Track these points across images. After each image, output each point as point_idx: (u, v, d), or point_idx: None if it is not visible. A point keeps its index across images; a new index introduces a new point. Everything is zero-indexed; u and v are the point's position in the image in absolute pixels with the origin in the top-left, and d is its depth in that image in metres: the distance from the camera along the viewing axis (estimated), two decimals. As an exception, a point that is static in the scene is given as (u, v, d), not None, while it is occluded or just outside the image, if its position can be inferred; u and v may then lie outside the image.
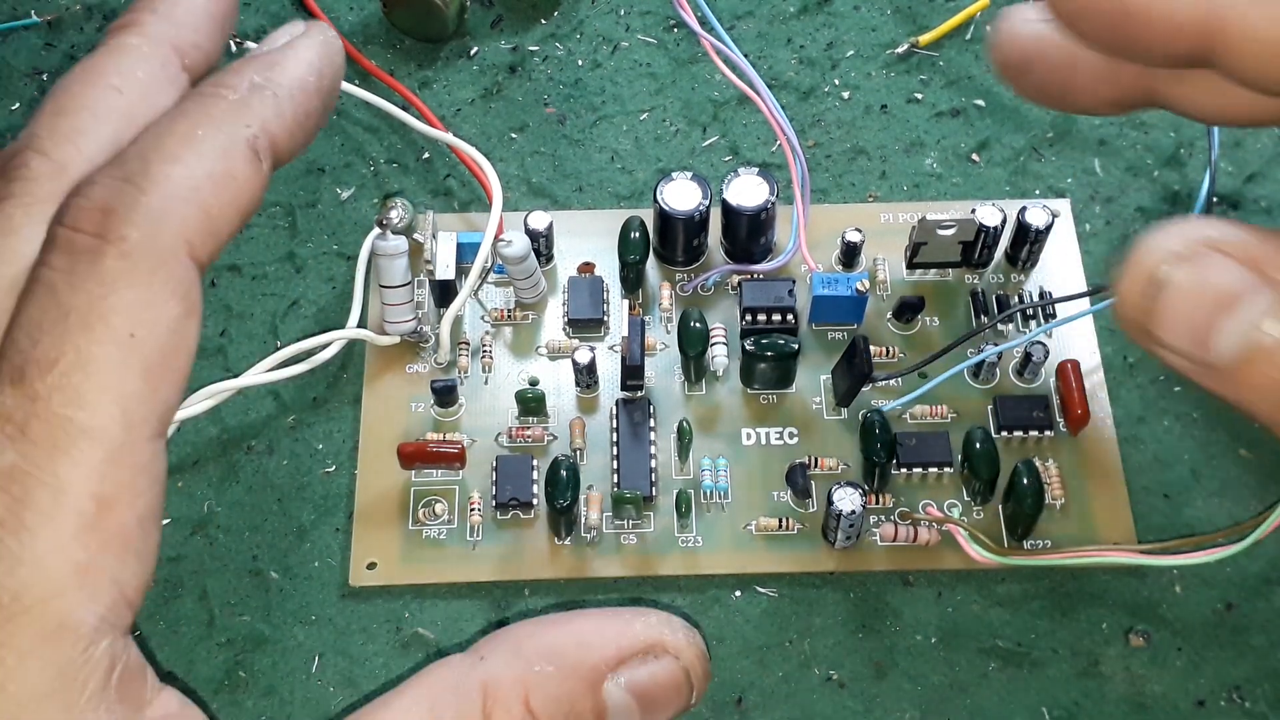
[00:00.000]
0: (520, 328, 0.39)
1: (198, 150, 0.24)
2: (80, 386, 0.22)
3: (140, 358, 0.22)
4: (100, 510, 0.22)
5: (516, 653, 0.25)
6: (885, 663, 0.34)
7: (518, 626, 0.26)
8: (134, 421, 0.22)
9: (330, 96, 0.27)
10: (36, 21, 0.45)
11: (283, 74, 0.26)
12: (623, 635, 0.26)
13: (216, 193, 0.24)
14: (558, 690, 0.25)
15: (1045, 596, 0.35)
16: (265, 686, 0.34)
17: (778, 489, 0.36)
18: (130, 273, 0.22)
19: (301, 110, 0.26)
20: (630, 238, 0.38)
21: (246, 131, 0.24)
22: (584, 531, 0.35)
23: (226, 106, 0.25)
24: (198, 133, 0.24)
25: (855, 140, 0.42)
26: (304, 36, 0.27)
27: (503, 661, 0.25)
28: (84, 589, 0.22)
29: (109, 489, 0.22)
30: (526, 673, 0.25)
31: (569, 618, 0.26)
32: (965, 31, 0.44)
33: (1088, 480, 0.36)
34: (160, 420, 0.23)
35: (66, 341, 0.22)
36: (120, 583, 0.22)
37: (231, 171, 0.24)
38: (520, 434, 0.37)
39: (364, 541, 0.35)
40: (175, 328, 0.23)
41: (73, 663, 0.21)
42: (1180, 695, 0.34)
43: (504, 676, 0.25)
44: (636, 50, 0.44)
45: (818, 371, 0.38)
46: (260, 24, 0.45)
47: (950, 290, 0.39)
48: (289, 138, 0.25)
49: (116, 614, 0.22)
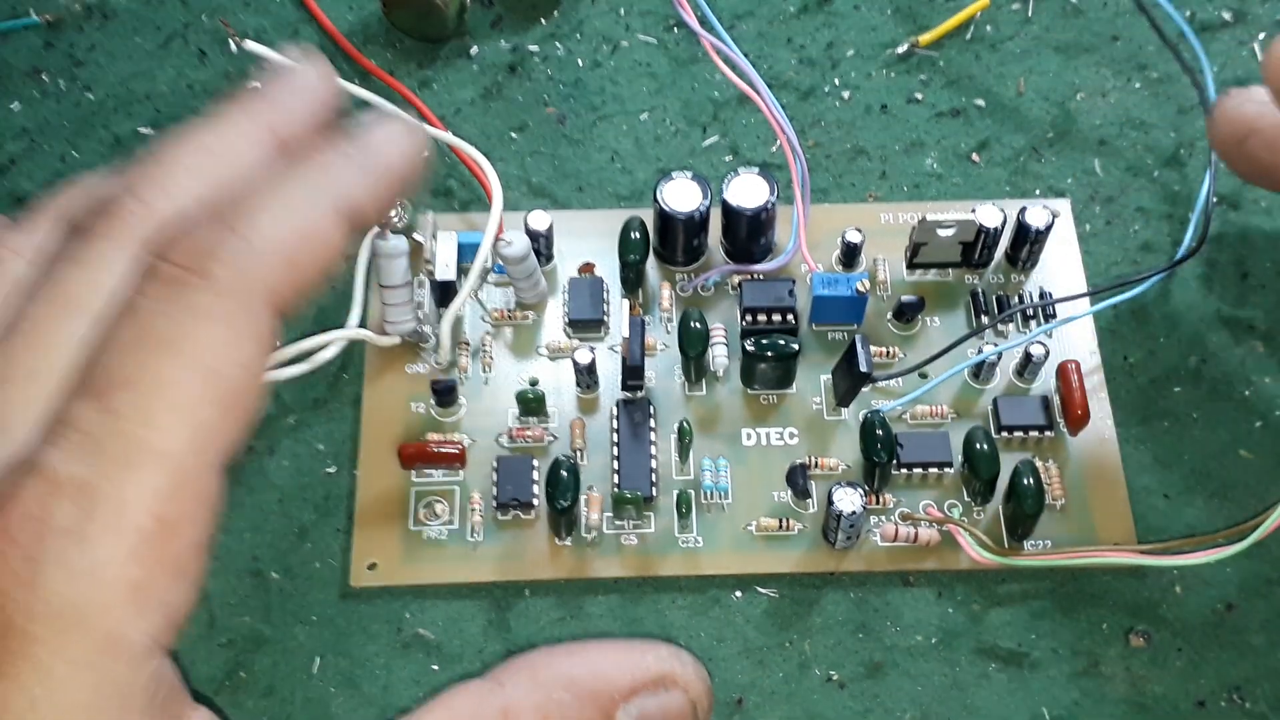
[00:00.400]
0: (520, 328, 0.39)
1: (290, 207, 0.25)
2: (156, 408, 0.22)
3: (216, 390, 0.23)
4: (160, 531, 0.22)
5: (534, 680, 0.26)
6: (885, 663, 0.34)
7: (535, 654, 0.27)
8: (202, 449, 0.23)
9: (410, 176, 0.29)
10: (36, 21, 0.45)
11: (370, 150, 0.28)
12: (636, 667, 0.27)
13: (303, 248, 0.25)
14: (575, 717, 0.26)
15: (1045, 597, 0.35)
16: (265, 687, 0.34)
17: (778, 489, 0.36)
18: (218, 309, 0.23)
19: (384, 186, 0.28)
20: (630, 238, 0.38)
21: (335, 198, 0.26)
22: (584, 532, 0.35)
23: (319, 173, 0.26)
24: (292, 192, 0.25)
25: (855, 140, 0.42)
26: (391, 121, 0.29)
27: (522, 689, 0.26)
28: (137, 607, 0.22)
29: (171, 511, 0.22)
30: (545, 700, 0.26)
31: (584, 648, 0.27)
32: (965, 31, 0.44)
33: (1088, 480, 0.36)
34: (224, 454, 0.24)
35: (149, 364, 0.23)
36: (169, 605, 0.23)
37: (318, 231, 0.25)
38: (520, 434, 0.37)
39: (364, 542, 0.35)
40: (251, 368, 0.24)
41: (121, 679, 0.22)
42: (1180, 696, 0.34)
43: (523, 703, 0.26)
44: (636, 50, 0.44)
45: (818, 372, 0.38)
46: (260, 24, 0.45)
47: (950, 290, 0.39)
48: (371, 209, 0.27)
49: (163, 635, 0.23)
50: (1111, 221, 0.41)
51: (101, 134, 0.43)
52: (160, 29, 0.45)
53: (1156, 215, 0.41)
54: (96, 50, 0.44)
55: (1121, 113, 0.42)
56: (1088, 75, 0.43)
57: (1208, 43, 0.44)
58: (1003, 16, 0.45)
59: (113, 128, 0.43)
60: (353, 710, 0.34)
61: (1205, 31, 0.44)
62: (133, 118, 0.43)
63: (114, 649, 0.22)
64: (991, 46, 0.44)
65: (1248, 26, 0.44)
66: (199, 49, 0.44)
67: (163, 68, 0.44)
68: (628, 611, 0.35)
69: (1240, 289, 0.39)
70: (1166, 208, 0.41)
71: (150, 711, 0.22)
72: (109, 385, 0.23)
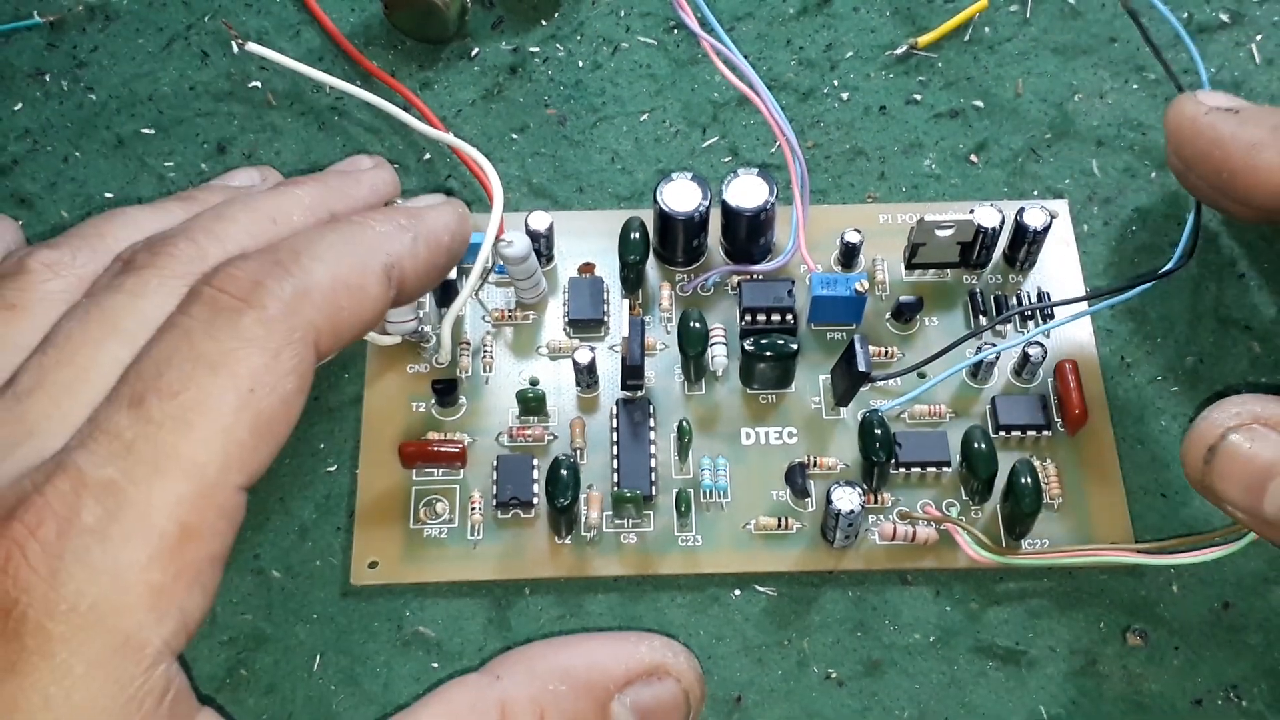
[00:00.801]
0: (521, 328, 0.39)
1: (340, 258, 0.27)
2: (194, 421, 0.23)
3: (253, 412, 0.24)
4: (182, 539, 0.23)
5: (531, 672, 0.27)
6: (884, 661, 0.34)
7: (531, 648, 0.28)
8: (231, 466, 0.24)
9: (455, 256, 0.31)
10: (39, 22, 0.45)
11: (423, 225, 0.30)
12: (630, 657, 0.27)
13: (349, 297, 0.27)
14: (570, 708, 0.26)
15: (1043, 595, 0.35)
16: (266, 685, 0.34)
17: (777, 488, 0.36)
18: (264, 338, 0.25)
19: (431, 257, 0.30)
20: (630, 238, 0.38)
21: (384, 258, 0.28)
22: (584, 531, 0.35)
23: (373, 234, 0.28)
24: (345, 245, 0.27)
25: (854, 141, 0.42)
26: (446, 204, 0.31)
27: (519, 681, 0.26)
28: (154, 611, 0.22)
29: (194, 520, 0.23)
30: (541, 692, 0.26)
31: (579, 640, 0.28)
32: (964, 33, 0.44)
33: (1085, 480, 0.36)
34: (251, 476, 0.24)
35: (192, 379, 0.24)
36: (184, 611, 0.23)
37: (365, 285, 0.27)
38: (521, 433, 0.37)
39: (365, 540, 0.35)
40: (288, 399, 0.25)
41: (134, 680, 0.22)
42: (1177, 694, 0.34)
43: (520, 695, 0.26)
44: (637, 51, 0.44)
45: (817, 371, 0.38)
46: (262, 25, 0.45)
47: (949, 291, 0.39)
48: (416, 276, 0.29)
49: (176, 640, 0.23)
50: (1109, 222, 0.41)
51: (104, 135, 0.43)
52: (163, 30, 0.45)
53: (1154, 216, 0.41)
54: (99, 51, 0.45)
55: (1119, 114, 0.43)
56: (1085, 76, 0.43)
57: (1205, 44, 0.44)
58: (1001, 18, 0.45)
59: (115, 129, 0.43)
60: (353, 708, 0.34)
61: (1203, 33, 0.44)
62: (135, 119, 0.43)
63: (130, 651, 0.22)
64: (990, 48, 0.44)
65: (1245, 28, 0.44)
66: (201, 50, 0.44)
67: (165, 69, 0.44)
68: (627, 610, 0.35)
69: (1237, 289, 0.39)
70: (1164, 208, 0.41)
71: (159, 713, 0.23)
72: (146, 393, 0.23)
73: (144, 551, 0.22)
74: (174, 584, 0.23)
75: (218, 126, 0.43)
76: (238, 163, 0.42)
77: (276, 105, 0.43)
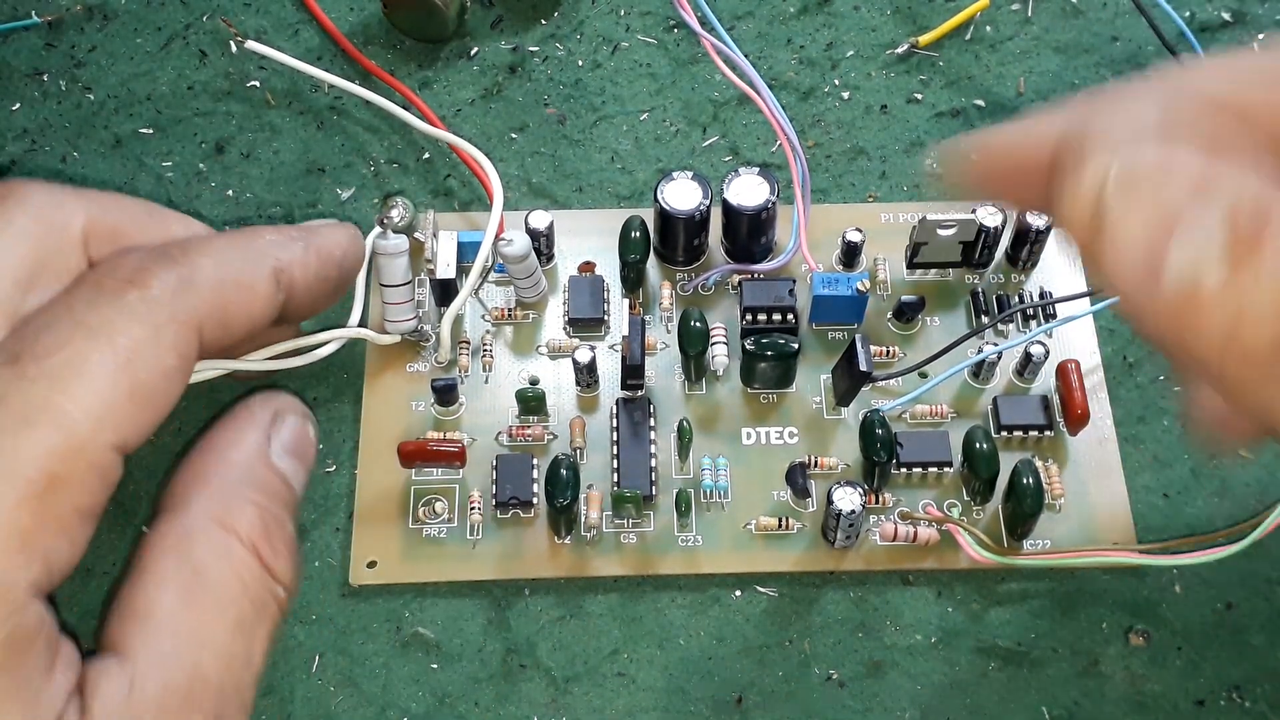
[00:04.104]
0: (521, 327, 0.39)
1: (230, 256, 0.29)
2: (68, 379, 0.24)
3: (130, 379, 0.25)
4: (49, 487, 0.24)
5: (208, 490, 0.28)
6: (885, 662, 0.34)
7: (185, 470, 0.28)
8: (105, 425, 0.25)
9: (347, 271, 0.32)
10: (37, 22, 0.45)
11: (313, 238, 0.31)
12: (250, 419, 0.29)
13: (236, 293, 0.28)
14: (250, 491, 0.28)
15: (1045, 596, 0.35)
16: (265, 686, 0.34)
17: (778, 488, 0.36)
18: (146, 313, 0.26)
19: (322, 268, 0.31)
20: (631, 237, 0.38)
21: (274, 262, 0.30)
22: (584, 530, 0.35)
23: (263, 241, 0.30)
24: (233, 248, 0.29)
25: (855, 140, 0.42)
26: (339, 225, 0.33)
27: (203, 506, 0.27)
28: (24, 554, 0.23)
29: (62, 471, 0.24)
30: (224, 506, 0.27)
31: (212, 438, 0.29)
32: (965, 32, 0.44)
33: (1087, 480, 0.36)
34: (126, 439, 0.25)
35: (70, 343, 0.25)
36: (50, 559, 0.24)
37: (253, 284, 0.29)
38: (520, 433, 0.37)
39: (364, 540, 0.35)
40: (168, 374, 0.26)
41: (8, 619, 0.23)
42: (1180, 695, 0.34)
43: (214, 513, 0.27)
44: (637, 50, 0.44)
45: (818, 371, 0.38)
46: (261, 25, 0.45)
47: (950, 290, 0.39)
48: (306, 284, 0.31)
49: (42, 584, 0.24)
50: (1111, 221, 0.41)
51: (102, 135, 0.43)
52: (161, 30, 0.45)
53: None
54: (97, 51, 0.44)
55: (1121, 113, 0.42)
56: (1087, 75, 0.43)
57: (1207, 43, 0.44)
58: (1002, 17, 0.45)
59: (113, 128, 0.43)
60: (352, 709, 0.34)
61: (1204, 32, 0.44)
62: (133, 118, 0.43)
63: None
64: (991, 47, 0.44)
65: (1247, 27, 0.44)
66: (199, 50, 0.44)
67: (163, 68, 0.44)
68: (627, 610, 0.35)
69: (1240, 289, 0.39)
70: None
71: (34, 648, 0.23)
72: (22, 353, 0.25)
73: (11, 497, 0.23)
74: (41, 530, 0.24)
75: (216, 126, 0.43)
76: (236, 162, 0.42)
77: (275, 105, 0.43)
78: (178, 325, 0.26)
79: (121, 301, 0.26)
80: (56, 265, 0.29)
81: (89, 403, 0.24)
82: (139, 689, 0.25)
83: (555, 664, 0.34)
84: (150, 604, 0.26)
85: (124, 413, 0.25)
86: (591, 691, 0.34)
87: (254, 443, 0.29)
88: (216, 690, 0.26)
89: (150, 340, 0.26)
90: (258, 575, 0.27)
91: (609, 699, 0.34)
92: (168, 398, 0.26)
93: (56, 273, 0.29)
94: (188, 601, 0.26)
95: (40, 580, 0.24)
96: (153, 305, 0.26)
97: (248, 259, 0.29)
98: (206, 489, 0.28)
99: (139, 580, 0.27)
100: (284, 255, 0.30)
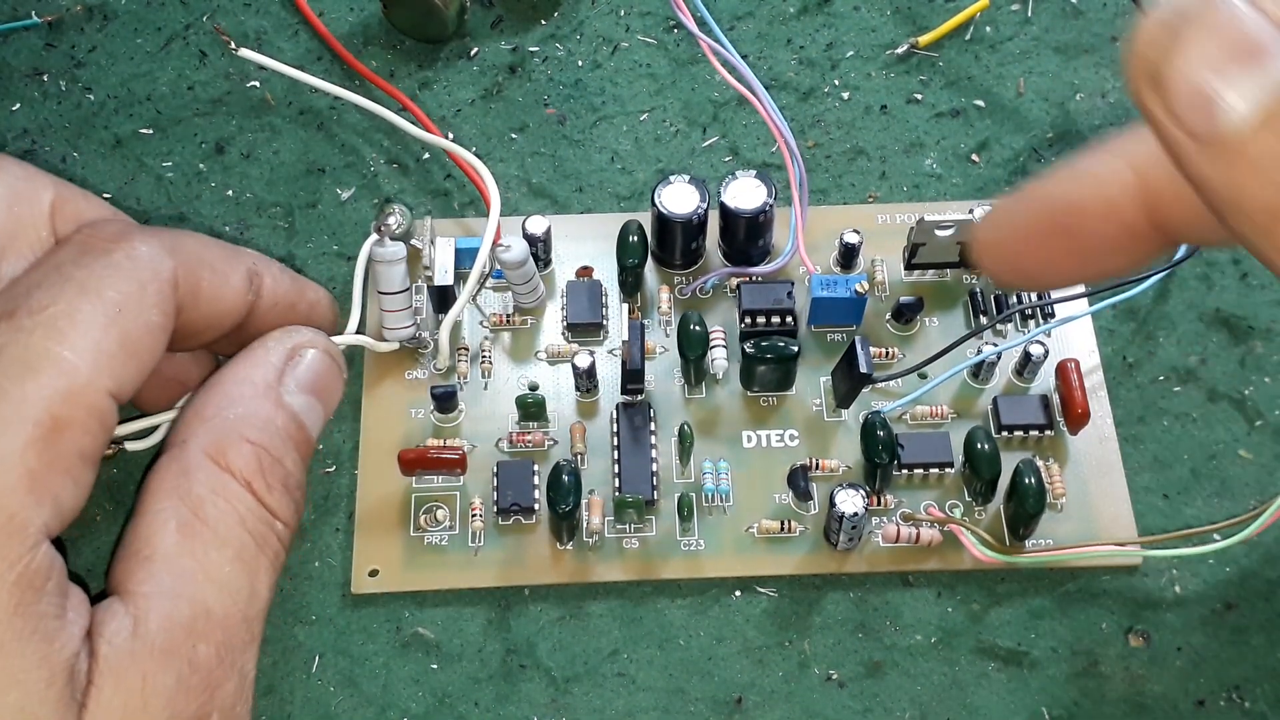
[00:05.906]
0: (519, 333, 0.39)
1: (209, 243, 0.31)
2: (64, 329, 0.26)
3: (120, 329, 0.26)
4: (54, 430, 0.25)
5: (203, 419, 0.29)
6: (885, 662, 0.34)
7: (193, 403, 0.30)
8: (101, 370, 0.26)
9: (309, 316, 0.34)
10: (37, 22, 0.45)
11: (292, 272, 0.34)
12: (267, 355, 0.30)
13: (211, 275, 0.30)
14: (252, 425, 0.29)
15: (1045, 596, 0.35)
16: (265, 686, 0.34)
17: (779, 491, 0.36)
18: (132, 271, 0.27)
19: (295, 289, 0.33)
20: (628, 241, 0.38)
21: (250, 263, 0.31)
22: (586, 536, 0.35)
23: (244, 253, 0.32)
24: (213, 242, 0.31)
25: (855, 141, 0.42)
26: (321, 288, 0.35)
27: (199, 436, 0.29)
28: (32, 494, 0.24)
29: (66, 414, 0.25)
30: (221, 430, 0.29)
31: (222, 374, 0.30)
32: (965, 32, 0.44)
33: (1088, 479, 0.36)
34: (120, 386, 0.26)
35: (62, 298, 0.26)
36: (58, 500, 0.25)
37: (228, 276, 0.30)
38: (521, 439, 0.37)
39: (365, 548, 0.35)
40: (152, 329, 0.27)
41: (21, 559, 0.24)
42: (1180, 695, 0.34)
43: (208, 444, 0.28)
44: (636, 51, 0.44)
45: (817, 373, 0.38)
46: (261, 25, 0.45)
47: (949, 291, 0.39)
48: (274, 296, 0.32)
49: (53, 525, 0.25)
50: (1111, 221, 0.41)
51: (102, 135, 0.43)
52: (161, 30, 0.45)
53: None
54: (97, 51, 0.44)
55: (1121, 113, 0.42)
56: (1087, 76, 0.43)
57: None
58: (1002, 17, 0.44)
59: (113, 129, 0.43)
60: (352, 710, 0.34)
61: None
62: (133, 119, 0.43)
63: (14, 530, 0.24)
64: (991, 47, 0.44)
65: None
66: (199, 50, 0.44)
67: (163, 69, 0.44)
68: (629, 613, 0.35)
69: (1239, 289, 0.39)
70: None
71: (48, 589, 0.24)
72: (17, 309, 0.26)
73: (20, 438, 0.24)
74: (49, 471, 0.24)
75: (216, 126, 0.43)
76: (236, 162, 0.42)
77: (275, 106, 0.43)
78: (160, 283, 0.28)
79: (109, 259, 0.27)
80: (29, 236, 0.30)
81: (85, 350, 0.26)
82: (142, 626, 0.26)
83: (555, 664, 0.34)
84: (150, 542, 0.27)
85: (118, 361, 0.26)
86: (591, 692, 0.34)
87: (260, 379, 0.30)
88: (221, 622, 0.27)
89: (136, 295, 0.27)
90: (254, 510, 0.28)
91: (609, 699, 0.34)
92: (152, 353, 0.27)
93: (29, 243, 0.30)
94: (186, 538, 0.27)
95: (50, 522, 0.25)
96: (138, 263, 0.27)
97: (226, 251, 0.31)
98: (204, 426, 0.29)
99: (140, 520, 0.27)
100: (260, 264, 0.32)
